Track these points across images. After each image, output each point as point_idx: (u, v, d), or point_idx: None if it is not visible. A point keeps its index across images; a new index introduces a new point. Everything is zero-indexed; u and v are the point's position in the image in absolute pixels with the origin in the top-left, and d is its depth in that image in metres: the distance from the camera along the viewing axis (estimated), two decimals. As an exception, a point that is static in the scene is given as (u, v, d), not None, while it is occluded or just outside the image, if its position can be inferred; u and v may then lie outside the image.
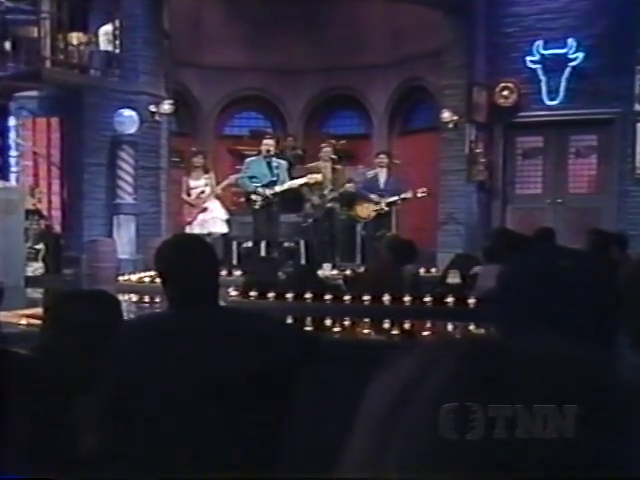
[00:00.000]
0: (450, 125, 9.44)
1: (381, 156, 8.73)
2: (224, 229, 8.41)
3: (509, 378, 0.46)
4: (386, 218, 8.56)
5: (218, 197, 8.49)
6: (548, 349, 0.49)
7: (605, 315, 1.03)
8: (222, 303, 2.25)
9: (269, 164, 7.98)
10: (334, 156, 8.66)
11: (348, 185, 8.74)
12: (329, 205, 8.54)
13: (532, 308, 1.03)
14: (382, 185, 8.63)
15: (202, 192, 8.35)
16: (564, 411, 0.45)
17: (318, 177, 8.17)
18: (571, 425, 0.45)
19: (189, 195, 8.39)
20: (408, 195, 8.45)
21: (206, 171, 8.44)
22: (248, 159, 8.35)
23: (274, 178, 7.92)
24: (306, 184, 8.27)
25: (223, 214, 8.45)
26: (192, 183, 8.37)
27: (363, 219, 8.78)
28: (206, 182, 8.38)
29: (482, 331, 3.80)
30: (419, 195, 8.45)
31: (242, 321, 1.89)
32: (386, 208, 8.46)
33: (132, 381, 1.79)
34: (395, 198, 8.48)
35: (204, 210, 8.30)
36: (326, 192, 8.49)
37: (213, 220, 8.32)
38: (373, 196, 8.55)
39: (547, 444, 0.45)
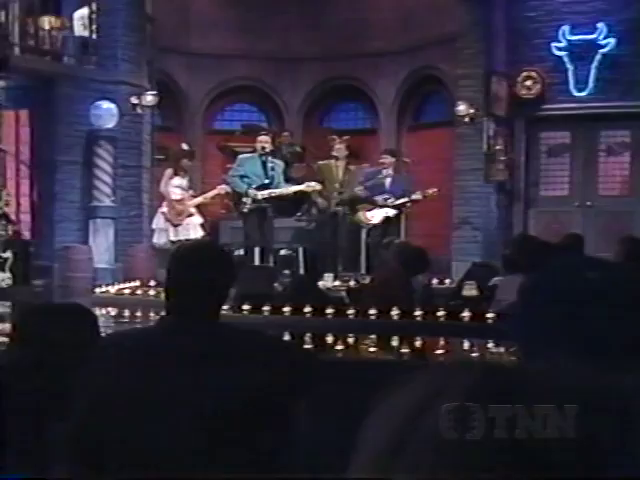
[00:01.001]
0: (466, 119, 9.45)
1: (384, 156, 8.75)
2: (199, 235, 8.50)
3: (526, 411, 0.46)
4: (394, 223, 8.57)
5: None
6: (573, 379, 0.49)
7: None
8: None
9: (264, 163, 8.00)
10: (346, 152, 8.68)
11: (357, 187, 8.75)
12: (334, 208, 8.55)
13: (558, 325, 1.04)
14: (388, 186, 8.63)
15: (192, 195, 8.38)
16: (589, 452, 0.44)
17: (317, 186, 8.17)
18: (598, 469, 0.44)
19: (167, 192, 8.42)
20: (417, 197, 8.44)
21: (193, 170, 8.48)
22: (241, 156, 8.36)
23: (268, 180, 7.93)
24: (303, 192, 8.29)
25: (199, 219, 8.55)
26: (177, 182, 8.40)
27: (367, 224, 8.78)
28: (188, 183, 8.43)
29: (501, 350, 3.80)
30: (430, 193, 8.44)
31: (233, 338, 1.90)
32: (393, 212, 8.46)
33: (108, 406, 1.78)
34: (403, 200, 8.48)
35: (191, 215, 8.34)
36: (335, 194, 8.48)
37: (194, 226, 8.38)
38: (378, 199, 8.56)
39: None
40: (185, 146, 8.80)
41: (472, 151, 9.56)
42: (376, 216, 8.55)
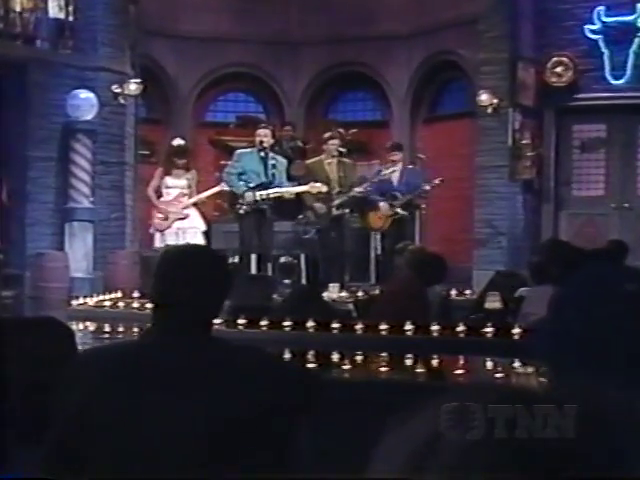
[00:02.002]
0: (489, 110, 9.46)
1: (395, 153, 8.74)
2: (198, 242, 8.41)
3: (549, 441, 0.46)
4: (407, 226, 8.57)
5: (195, 203, 8.50)
6: (606, 405, 0.49)
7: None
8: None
9: (264, 160, 8.00)
10: (342, 149, 8.66)
11: (360, 187, 8.76)
12: (336, 212, 8.54)
13: (591, 342, 1.03)
14: (396, 182, 8.63)
15: (184, 195, 8.36)
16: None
17: (323, 187, 8.15)
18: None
19: (160, 195, 8.39)
20: (425, 188, 8.51)
21: (188, 169, 8.45)
22: (239, 151, 8.36)
23: (268, 179, 7.93)
24: (307, 193, 8.28)
25: (202, 224, 8.47)
26: (170, 181, 8.38)
27: (377, 229, 8.79)
28: (189, 182, 8.39)
29: (529, 370, 3.80)
30: (436, 183, 8.51)
31: (227, 356, 1.89)
32: (403, 212, 8.46)
33: (87, 428, 1.79)
34: (410, 196, 8.49)
35: (184, 217, 8.31)
36: (333, 196, 8.47)
37: (193, 231, 8.33)
38: (384, 199, 8.55)
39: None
40: (179, 141, 8.79)
41: (495, 146, 9.56)
42: (385, 218, 8.55)
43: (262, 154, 8.00)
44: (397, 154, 8.81)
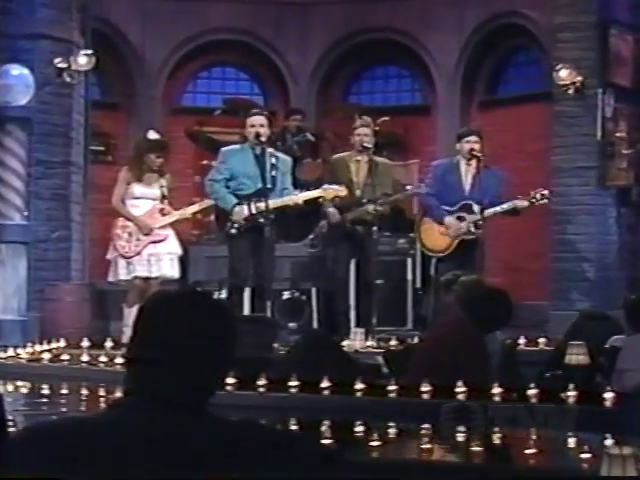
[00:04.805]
0: (569, 91, 9.46)
1: (472, 138, 8.52)
2: (176, 271, 8.43)
3: None
4: (477, 251, 8.39)
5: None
6: None
7: None
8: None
9: (260, 159, 8.03)
10: (370, 145, 8.67)
11: (400, 194, 8.76)
12: (359, 227, 8.53)
13: None
14: (468, 189, 8.46)
15: (159, 209, 8.38)
16: None
17: (341, 190, 8.14)
18: None
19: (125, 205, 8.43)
20: (523, 204, 8.23)
21: (162, 173, 8.48)
22: (226, 149, 8.39)
23: (267, 185, 7.95)
24: (321, 198, 8.27)
25: (178, 248, 8.49)
26: (139, 190, 8.41)
27: (436, 252, 8.62)
28: (162, 191, 8.41)
29: (628, 451, 3.79)
30: (542, 195, 8.25)
31: (224, 436, 1.90)
32: (477, 232, 8.31)
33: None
34: (495, 210, 8.28)
35: (160, 240, 8.31)
36: (371, 208, 8.41)
37: (169, 258, 8.34)
38: (452, 212, 8.38)
39: None
40: (153, 134, 8.83)
41: (578, 140, 9.55)
42: (452, 238, 8.35)
43: (257, 151, 8.02)
44: (475, 138, 8.46)
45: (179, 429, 1.87)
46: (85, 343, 7.01)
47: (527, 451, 3.95)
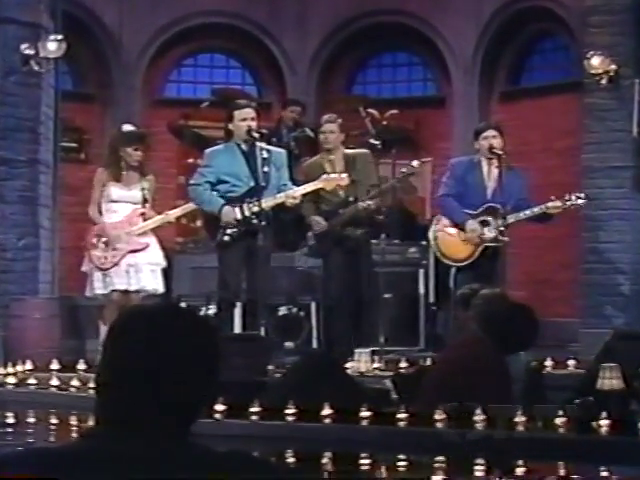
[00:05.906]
0: (602, 81, 9.49)
1: (487, 133, 8.56)
2: (159, 285, 8.44)
3: None
4: (499, 261, 8.41)
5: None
6: None
7: None
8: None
9: (249, 156, 8.05)
10: (331, 146, 8.72)
11: (391, 180, 8.80)
12: (359, 232, 8.56)
13: None
14: (490, 191, 8.46)
15: (139, 213, 8.39)
16: None
17: (343, 178, 8.19)
18: None
19: (100, 213, 8.44)
20: (556, 206, 8.27)
21: (143, 173, 8.49)
22: (209, 150, 8.43)
23: (260, 182, 7.97)
24: (322, 191, 8.30)
25: (161, 259, 8.50)
26: (117, 192, 8.42)
27: (459, 261, 8.61)
28: (144, 194, 8.41)
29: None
30: (577, 198, 8.29)
31: (208, 468, 1.90)
32: (503, 239, 8.31)
33: None
34: (525, 213, 8.29)
35: (140, 249, 8.32)
36: (362, 205, 8.48)
37: (150, 269, 8.35)
38: (476, 215, 8.40)
39: None
40: (128, 127, 8.85)
41: (612, 136, 9.58)
42: (474, 245, 8.36)
43: (245, 147, 8.04)
44: (494, 132, 8.52)
45: (157, 462, 1.87)
46: (55, 365, 7.03)
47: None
